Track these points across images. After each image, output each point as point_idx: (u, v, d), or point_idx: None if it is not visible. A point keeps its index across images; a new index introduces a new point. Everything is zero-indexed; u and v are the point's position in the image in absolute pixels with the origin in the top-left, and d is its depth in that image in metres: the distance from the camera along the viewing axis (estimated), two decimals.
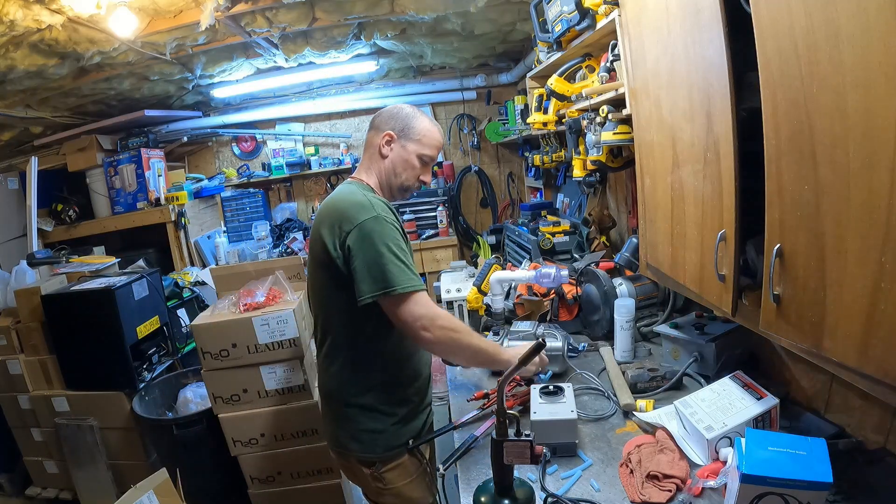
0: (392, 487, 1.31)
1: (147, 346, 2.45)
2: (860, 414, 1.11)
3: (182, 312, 2.87)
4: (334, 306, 1.28)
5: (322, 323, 1.34)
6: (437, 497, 1.39)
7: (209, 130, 3.93)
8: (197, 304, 2.98)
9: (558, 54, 1.99)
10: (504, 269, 1.96)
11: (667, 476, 1.04)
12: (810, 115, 0.71)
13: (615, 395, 1.41)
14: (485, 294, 1.82)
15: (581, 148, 1.87)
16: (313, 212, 3.96)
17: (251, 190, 3.92)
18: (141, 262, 2.99)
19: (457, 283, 2.09)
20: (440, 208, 3.85)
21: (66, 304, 2.31)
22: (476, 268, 2.39)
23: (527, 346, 1.26)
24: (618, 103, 1.54)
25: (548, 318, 1.89)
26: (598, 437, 1.27)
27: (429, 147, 1.38)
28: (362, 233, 1.18)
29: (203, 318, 2.06)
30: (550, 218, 2.60)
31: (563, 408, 1.22)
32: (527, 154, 3.31)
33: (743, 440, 0.92)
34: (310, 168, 4.01)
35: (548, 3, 1.85)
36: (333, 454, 1.40)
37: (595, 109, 1.63)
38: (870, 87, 0.61)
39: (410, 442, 1.33)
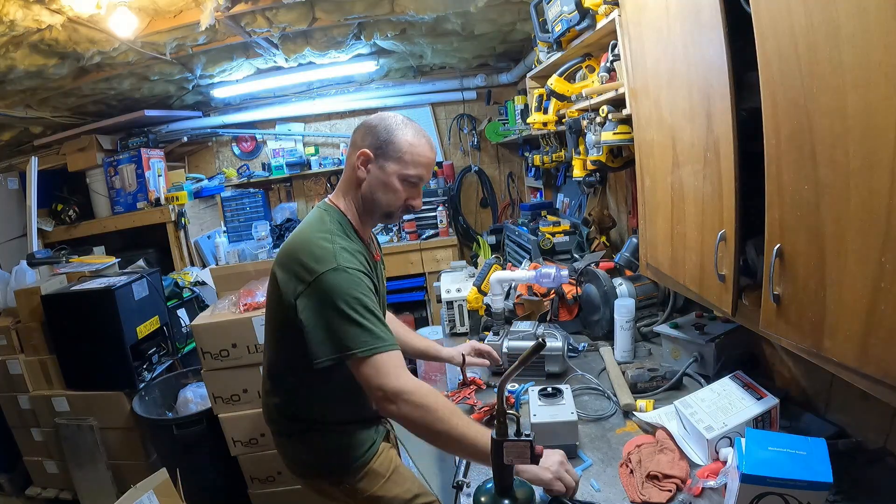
0: (369, 495, 1.25)
1: (147, 346, 2.45)
2: (860, 414, 1.11)
3: (182, 312, 2.87)
4: (286, 345, 1.18)
5: (270, 354, 1.27)
6: (424, 479, 1.38)
7: (209, 130, 3.93)
8: (197, 304, 2.98)
9: (558, 54, 1.99)
10: (504, 269, 1.96)
11: (667, 476, 1.04)
12: (810, 114, 0.71)
13: (615, 395, 1.41)
14: (485, 294, 1.82)
15: (581, 148, 1.87)
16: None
17: (251, 190, 3.91)
18: (141, 262, 2.99)
19: (457, 283, 2.08)
20: (440, 208, 3.85)
21: (66, 304, 2.31)
22: (476, 268, 2.39)
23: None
24: (618, 103, 1.54)
25: (548, 318, 1.89)
26: (598, 438, 1.27)
27: (413, 165, 1.16)
28: (318, 290, 1.05)
29: (203, 318, 2.06)
30: (550, 218, 2.60)
31: (563, 410, 1.21)
32: (527, 154, 3.31)
33: (743, 440, 0.92)
34: (310, 168, 4.01)
35: (548, 3, 1.85)
36: (299, 481, 1.33)
37: (595, 109, 1.63)
38: (870, 87, 0.61)
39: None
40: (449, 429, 1.03)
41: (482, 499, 1.07)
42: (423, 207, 3.83)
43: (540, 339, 1.02)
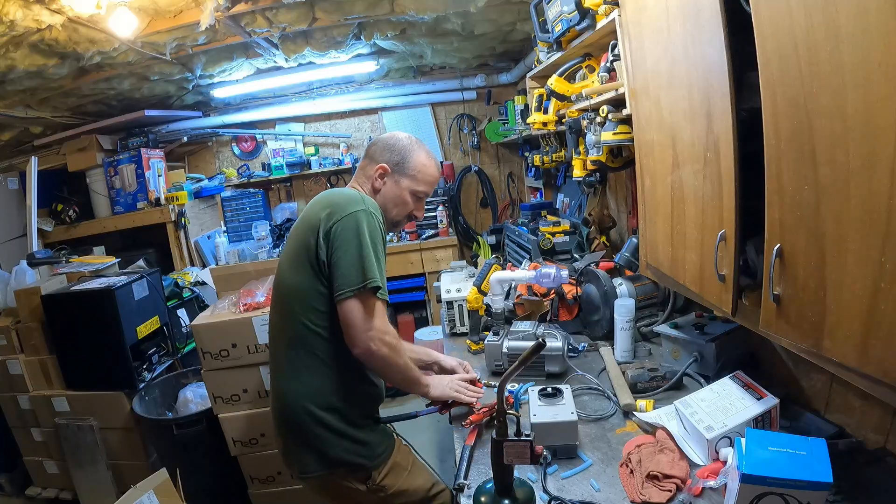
0: (395, 490, 1.27)
1: (147, 346, 2.45)
2: (860, 414, 1.12)
3: (182, 312, 2.87)
4: (314, 306, 1.20)
5: (293, 326, 1.23)
6: (432, 469, 1.41)
7: (209, 130, 3.93)
8: (197, 304, 2.98)
9: (558, 54, 1.99)
10: (504, 269, 1.96)
11: (667, 476, 1.04)
12: (810, 114, 0.71)
13: (615, 395, 1.41)
14: (485, 294, 1.82)
15: (581, 148, 1.87)
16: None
17: (251, 190, 3.92)
18: (141, 262, 2.99)
19: (457, 283, 2.08)
20: (440, 208, 3.85)
21: (66, 304, 2.31)
22: (476, 268, 2.39)
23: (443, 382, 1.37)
24: (618, 103, 1.54)
25: (548, 318, 1.89)
26: (598, 438, 1.27)
27: (423, 183, 1.35)
28: (351, 223, 1.16)
29: (203, 318, 2.06)
30: (550, 218, 2.60)
31: (563, 410, 1.21)
32: (527, 154, 3.31)
33: (743, 440, 0.92)
34: (310, 168, 4.01)
35: (548, 3, 1.85)
36: (311, 482, 1.27)
37: (595, 109, 1.63)
38: (870, 86, 0.61)
39: (391, 426, 1.39)
40: (404, 363, 1.24)
41: (482, 499, 1.07)
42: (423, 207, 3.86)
43: (540, 339, 1.02)
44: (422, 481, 1.33)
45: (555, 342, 1.56)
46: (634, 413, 1.32)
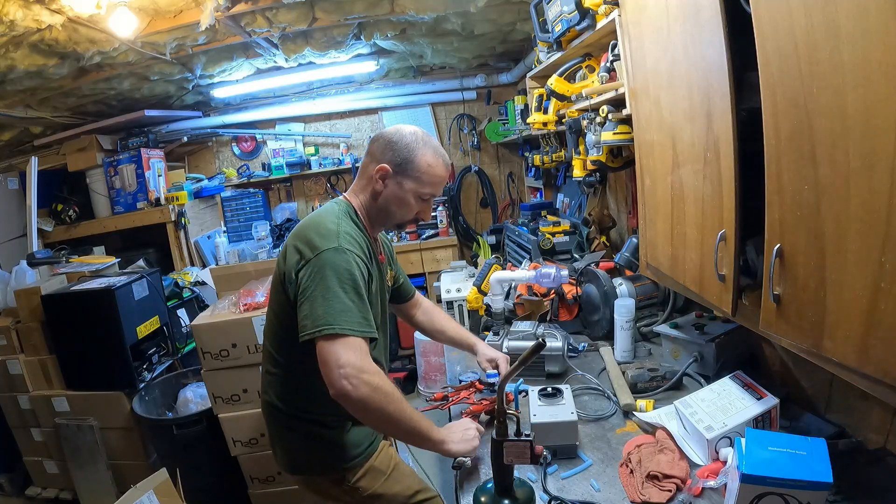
0: (370, 493, 1.26)
1: (147, 346, 2.45)
2: (860, 414, 1.12)
3: (182, 312, 2.87)
4: (287, 325, 1.17)
5: (271, 324, 1.26)
6: (426, 475, 1.38)
7: (209, 130, 3.93)
8: (197, 304, 2.98)
9: (558, 54, 1.99)
10: (504, 269, 1.96)
11: (667, 476, 1.04)
12: (810, 114, 0.71)
13: (615, 395, 1.41)
14: (485, 294, 1.82)
15: (581, 148, 1.87)
16: (313, 211, 3.95)
17: (251, 190, 3.92)
18: (141, 262, 2.99)
19: (457, 283, 2.09)
20: (440, 208, 3.85)
21: (66, 304, 2.31)
22: (476, 268, 2.39)
23: (463, 424, 1.20)
24: (618, 103, 1.54)
25: (548, 318, 1.89)
26: (598, 437, 1.27)
27: (430, 185, 1.24)
28: (318, 264, 1.09)
29: (203, 318, 2.06)
30: (550, 218, 2.60)
31: (563, 410, 1.21)
32: (527, 154, 3.31)
33: (743, 440, 0.92)
34: (310, 168, 4.01)
35: (548, 3, 1.85)
36: (297, 479, 1.33)
37: (595, 109, 1.63)
38: (870, 86, 0.61)
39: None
40: (397, 410, 1.07)
41: (482, 499, 1.07)
42: None
43: (540, 339, 1.02)
44: (401, 487, 1.29)
45: (555, 342, 1.57)
46: (634, 413, 1.32)
